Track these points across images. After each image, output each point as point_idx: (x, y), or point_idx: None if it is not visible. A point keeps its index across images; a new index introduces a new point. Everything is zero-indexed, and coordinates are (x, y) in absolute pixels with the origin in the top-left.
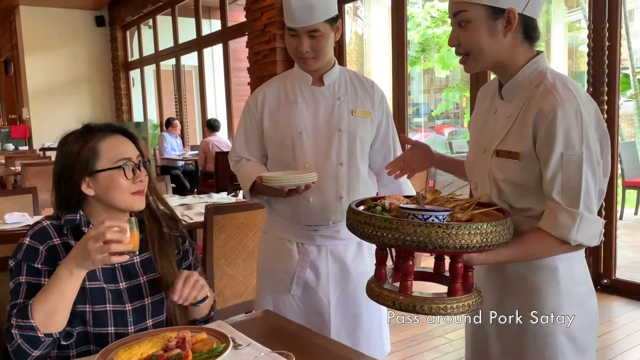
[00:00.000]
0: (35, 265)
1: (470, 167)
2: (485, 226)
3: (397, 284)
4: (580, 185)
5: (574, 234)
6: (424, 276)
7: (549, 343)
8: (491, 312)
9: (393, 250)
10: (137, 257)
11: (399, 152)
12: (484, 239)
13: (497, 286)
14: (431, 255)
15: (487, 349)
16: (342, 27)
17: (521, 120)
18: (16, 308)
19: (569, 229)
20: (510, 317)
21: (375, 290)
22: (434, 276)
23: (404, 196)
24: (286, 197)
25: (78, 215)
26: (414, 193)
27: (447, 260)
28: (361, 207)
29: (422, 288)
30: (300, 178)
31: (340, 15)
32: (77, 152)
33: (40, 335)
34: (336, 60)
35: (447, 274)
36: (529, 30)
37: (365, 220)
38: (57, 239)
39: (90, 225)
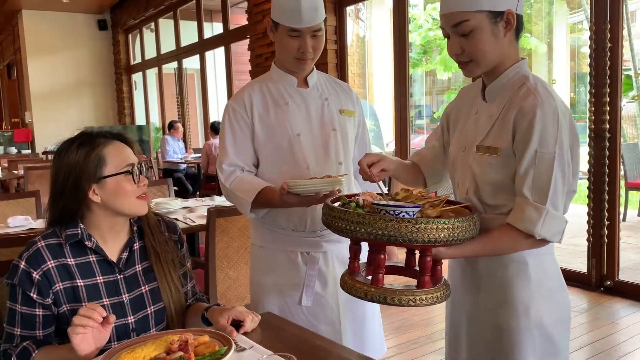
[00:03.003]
0: (31, 295)
1: (452, 167)
2: (452, 221)
3: (370, 277)
4: (549, 182)
5: (539, 228)
6: (396, 270)
7: (522, 336)
8: (465, 306)
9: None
10: (140, 265)
11: (371, 149)
12: (451, 234)
13: (471, 282)
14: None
15: (461, 343)
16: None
17: (502, 118)
18: (19, 347)
19: (535, 223)
20: (483, 311)
21: (349, 282)
22: (406, 270)
23: (378, 194)
24: (309, 206)
25: (79, 229)
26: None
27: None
28: (337, 204)
29: (393, 281)
30: (333, 182)
31: (341, 19)
32: (84, 159)
33: None
34: None
35: (418, 267)
36: (519, 27)
37: (340, 216)
38: (52, 262)
39: (93, 239)
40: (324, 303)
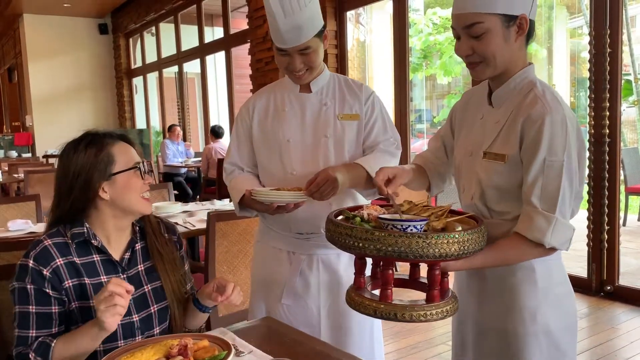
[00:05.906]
0: (46, 291)
1: (457, 172)
2: (462, 235)
3: (376, 292)
4: (558, 191)
5: (549, 237)
6: (399, 283)
7: (528, 342)
8: (472, 315)
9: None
10: (142, 265)
11: (398, 137)
12: (462, 247)
13: (478, 287)
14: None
15: (468, 348)
16: (327, 34)
17: (509, 125)
18: (34, 344)
19: (545, 232)
20: (490, 316)
21: (356, 299)
22: (410, 282)
23: (380, 206)
24: (274, 214)
25: (85, 228)
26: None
27: (423, 267)
28: (339, 218)
29: (398, 293)
30: (290, 195)
31: (341, 23)
32: (94, 157)
33: None
34: (325, 66)
35: (422, 280)
36: (530, 32)
37: (346, 232)
38: (60, 259)
39: (98, 238)
40: (304, 305)
